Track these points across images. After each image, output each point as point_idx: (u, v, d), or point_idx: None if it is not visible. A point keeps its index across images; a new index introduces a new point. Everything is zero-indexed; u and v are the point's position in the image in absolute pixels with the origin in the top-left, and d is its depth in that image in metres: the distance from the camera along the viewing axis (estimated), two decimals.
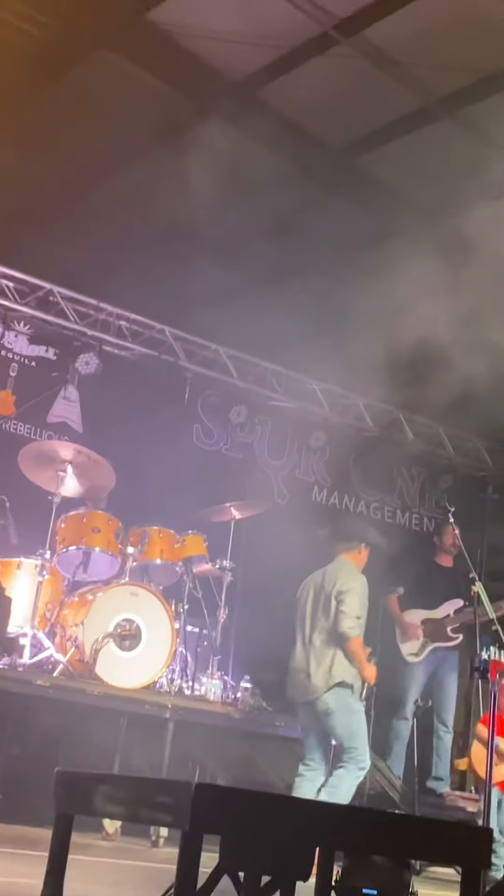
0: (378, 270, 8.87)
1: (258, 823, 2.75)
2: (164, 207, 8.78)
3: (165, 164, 8.57)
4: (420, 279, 7.69)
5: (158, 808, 2.75)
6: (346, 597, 6.55)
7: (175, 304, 9.47)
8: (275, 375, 10.22)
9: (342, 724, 6.51)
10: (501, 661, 5.73)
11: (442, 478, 11.39)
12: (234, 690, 7.79)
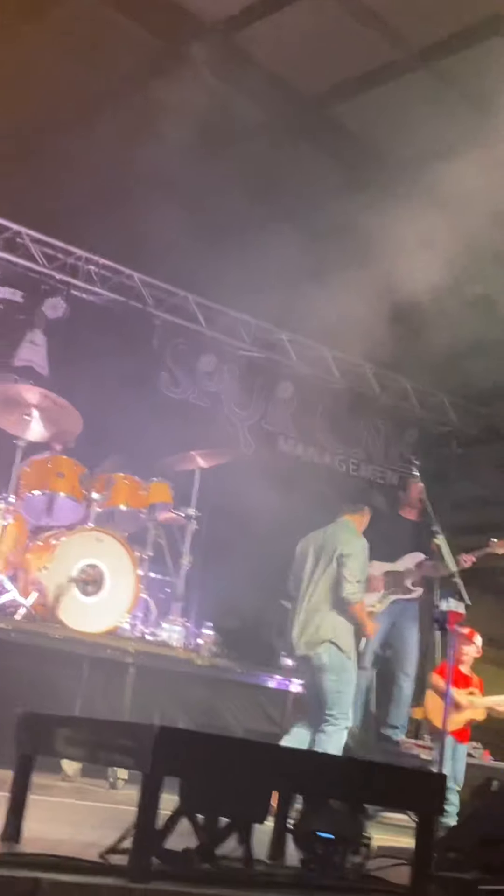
0: (349, 222, 8.84)
1: (218, 767, 2.80)
2: (137, 152, 8.68)
3: (139, 108, 8.46)
4: (391, 232, 7.67)
5: (120, 751, 2.79)
6: (348, 560, 6.64)
7: (145, 250, 9.40)
8: (243, 325, 10.19)
9: (332, 681, 6.61)
10: (460, 613, 5.80)
11: (407, 432, 11.45)
12: (196, 637, 7.85)
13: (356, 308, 8.32)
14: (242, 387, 10.35)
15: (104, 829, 3.06)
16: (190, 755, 2.71)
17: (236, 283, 9.41)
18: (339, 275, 8.89)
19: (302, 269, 9.17)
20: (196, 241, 9.43)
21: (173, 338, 9.92)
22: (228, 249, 9.33)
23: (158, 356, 9.80)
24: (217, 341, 10.08)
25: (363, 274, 8.19)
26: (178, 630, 7.69)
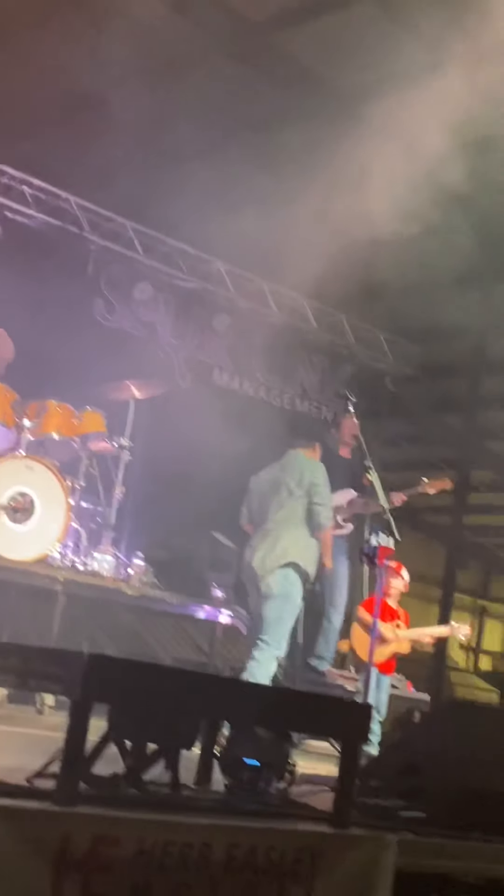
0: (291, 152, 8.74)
1: (147, 694, 2.81)
2: (77, 75, 8.47)
3: (79, 29, 8.24)
4: (333, 163, 7.60)
5: (50, 677, 2.79)
6: (319, 489, 6.77)
7: (82, 174, 9.20)
8: (181, 254, 10.05)
9: (276, 606, 6.69)
10: (389, 549, 5.87)
11: (342, 368, 11.46)
12: (127, 567, 7.85)
13: (295, 241, 8.27)
14: (178, 317, 10.25)
15: (31, 755, 3.06)
16: (119, 682, 2.71)
17: (175, 212, 9.28)
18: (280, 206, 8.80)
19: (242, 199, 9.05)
20: (136, 166, 9.26)
21: (109, 264, 9.75)
22: (168, 177, 9.19)
23: (93, 283, 9.64)
24: (154, 270, 9.94)
25: (304, 206, 8.12)
26: (108, 560, 7.69)
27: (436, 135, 7.25)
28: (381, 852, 2.99)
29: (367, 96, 8.17)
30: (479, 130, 7.46)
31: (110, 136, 9.00)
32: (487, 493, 16.17)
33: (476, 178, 7.68)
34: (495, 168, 8.47)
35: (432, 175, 7.43)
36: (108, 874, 2.49)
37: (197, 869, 2.63)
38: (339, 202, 7.69)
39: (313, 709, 3.30)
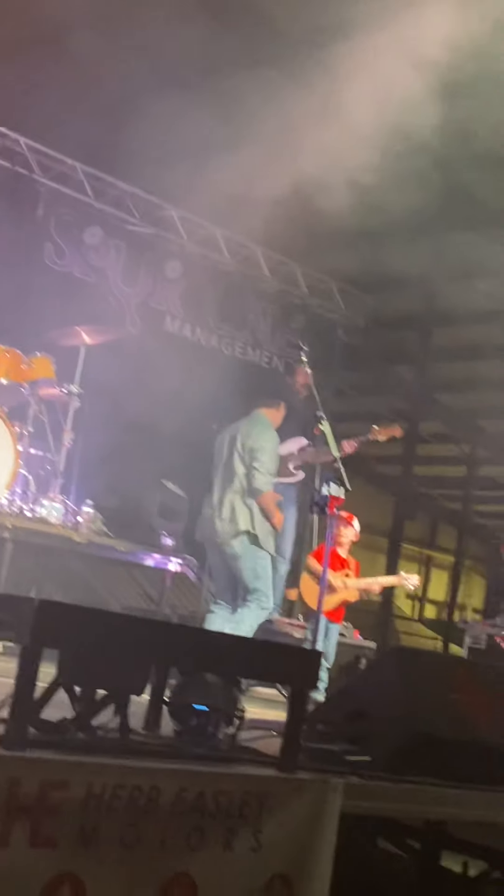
0: (243, 98, 8.62)
1: (96, 639, 2.81)
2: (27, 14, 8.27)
3: None
4: (284, 110, 7.53)
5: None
6: (259, 454, 6.76)
7: (33, 115, 9.03)
8: (132, 199, 9.93)
9: (248, 567, 6.74)
10: (340, 498, 5.90)
11: (294, 317, 11.43)
12: (76, 515, 7.83)
13: (248, 187, 8.20)
14: (129, 263, 10.14)
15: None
16: (69, 628, 2.71)
17: (127, 155, 9.14)
18: (233, 152, 8.71)
19: (195, 143, 8.95)
20: (87, 108, 9.10)
21: (59, 208, 9.61)
22: (120, 119, 9.04)
23: (43, 227, 9.50)
24: (105, 214, 9.82)
25: (257, 152, 8.04)
26: (57, 507, 7.65)
27: (392, 82, 7.19)
28: (327, 795, 3.03)
29: (321, 41, 8.08)
30: (436, 77, 7.42)
31: (61, 77, 8.83)
32: (436, 444, 16.32)
33: (432, 125, 7.65)
34: (452, 116, 8.44)
35: (387, 122, 7.39)
36: (56, 817, 2.50)
37: (146, 812, 2.66)
38: (293, 149, 7.63)
39: (263, 655, 3.32)
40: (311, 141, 7.57)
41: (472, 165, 8.79)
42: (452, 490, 18.52)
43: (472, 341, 13.52)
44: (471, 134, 8.11)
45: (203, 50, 9.12)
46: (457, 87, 8.14)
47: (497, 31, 6.88)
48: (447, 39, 6.98)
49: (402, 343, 13.53)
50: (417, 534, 20.53)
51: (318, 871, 3.00)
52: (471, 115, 7.72)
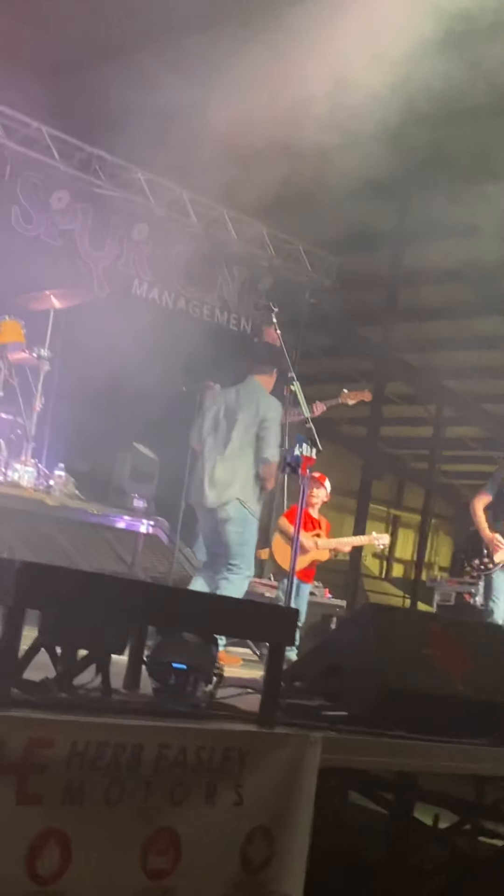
0: (208, 58, 8.56)
1: (76, 600, 2.85)
2: None
3: None
4: (248, 71, 7.49)
5: None
6: (271, 424, 6.74)
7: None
8: (99, 161, 9.85)
9: (237, 532, 6.76)
10: (312, 458, 5.94)
11: (262, 280, 11.43)
12: (48, 478, 7.84)
13: (213, 148, 8.16)
14: (97, 227, 10.08)
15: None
16: (51, 589, 2.75)
17: (93, 117, 9.08)
18: (197, 113, 8.66)
19: (160, 105, 8.88)
20: (51, 69, 9.02)
21: (25, 171, 9.52)
22: (86, 81, 8.96)
23: (9, 190, 9.42)
24: (71, 177, 9.74)
25: (221, 113, 8.00)
26: (29, 471, 7.66)
27: (356, 41, 7.16)
28: (305, 749, 3.10)
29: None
30: (401, 40, 7.40)
31: (24, 36, 8.73)
32: (402, 404, 16.42)
33: (396, 87, 7.63)
34: (416, 78, 8.43)
35: (351, 83, 7.37)
36: (42, 774, 2.55)
37: (129, 768, 2.71)
38: (257, 109, 7.59)
39: (240, 614, 3.38)
40: (274, 101, 7.54)
41: (439, 123, 8.78)
42: (419, 450, 18.66)
43: (438, 301, 13.58)
44: (438, 91, 8.11)
45: (166, 9, 9.04)
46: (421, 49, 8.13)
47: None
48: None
49: (368, 303, 13.55)
50: (385, 494, 20.68)
51: (299, 823, 3.08)
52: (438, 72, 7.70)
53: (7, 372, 7.79)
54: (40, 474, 7.81)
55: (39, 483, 7.75)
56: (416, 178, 10.55)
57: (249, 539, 6.89)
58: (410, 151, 9.56)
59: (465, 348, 14.82)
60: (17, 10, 8.31)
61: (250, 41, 7.73)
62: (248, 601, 3.80)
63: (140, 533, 8.23)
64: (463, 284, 13.04)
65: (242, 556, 6.83)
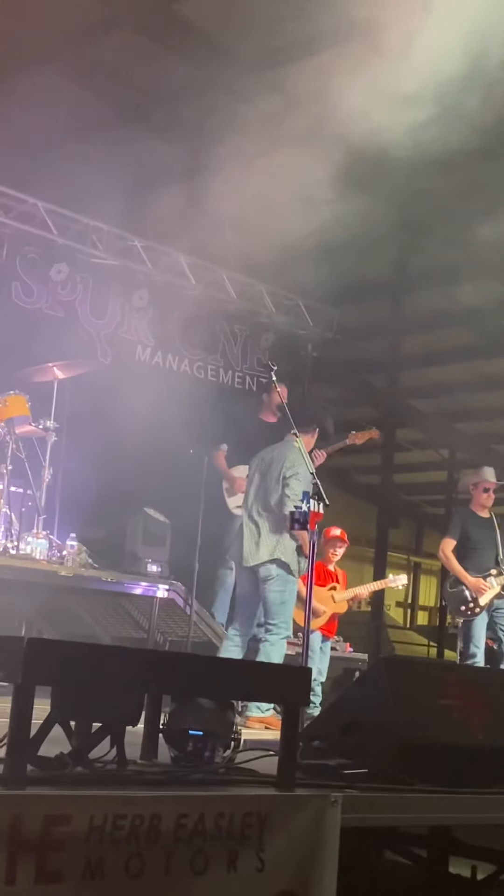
0: (197, 124, 8.71)
1: (87, 673, 2.85)
2: None
3: None
4: (240, 134, 7.60)
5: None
6: (292, 482, 6.80)
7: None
8: (95, 232, 9.98)
9: (278, 591, 6.81)
10: (319, 513, 5.95)
11: (263, 336, 11.51)
12: (61, 549, 7.85)
13: (207, 212, 8.27)
14: (97, 296, 10.20)
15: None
16: (59, 664, 2.75)
17: (87, 189, 9.21)
18: (190, 178, 8.78)
19: (153, 172, 9.01)
20: (43, 145, 9.17)
21: (23, 246, 9.66)
22: (78, 154, 9.11)
23: (8, 266, 9.55)
24: (69, 249, 9.86)
25: (214, 177, 8.11)
26: (41, 543, 7.67)
27: (341, 99, 7.27)
28: (326, 810, 3.07)
29: (270, 62, 8.17)
30: (389, 91, 7.51)
31: (14, 114, 8.89)
32: (414, 450, 16.41)
33: (388, 137, 7.73)
34: (407, 127, 8.54)
35: (340, 140, 7.47)
36: (61, 851, 2.53)
37: (148, 840, 2.69)
38: (249, 170, 7.70)
39: (253, 676, 3.37)
40: (266, 161, 7.64)
41: (428, 170, 8.89)
42: (435, 495, 18.60)
43: (442, 345, 13.64)
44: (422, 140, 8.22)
45: (156, 81, 9.21)
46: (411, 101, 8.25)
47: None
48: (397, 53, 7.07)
49: (371, 352, 13.61)
50: (404, 541, 20.61)
51: (323, 886, 3.04)
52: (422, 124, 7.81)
53: (15, 445, 7.83)
54: (53, 545, 7.82)
55: (52, 554, 7.76)
56: (412, 226, 10.65)
57: (289, 598, 6.92)
58: (404, 200, 9.67)
59: (471, 390, 14.84)
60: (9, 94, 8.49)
61: (239, 106, 7.86)
62: (259, 662, 3.78)
63: (156, 598, 8.22)
64: (466, 327, 13.10)
65: (281, 616, 6.84)
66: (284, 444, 7.11)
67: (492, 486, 8.70)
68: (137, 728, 3.28)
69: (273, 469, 6.99)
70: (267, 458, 7.12)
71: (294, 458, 6.84)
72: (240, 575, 7.24)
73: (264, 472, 7.05)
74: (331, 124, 7.32)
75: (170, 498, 8.77)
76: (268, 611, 6.86)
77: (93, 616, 8.81)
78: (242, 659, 6.44)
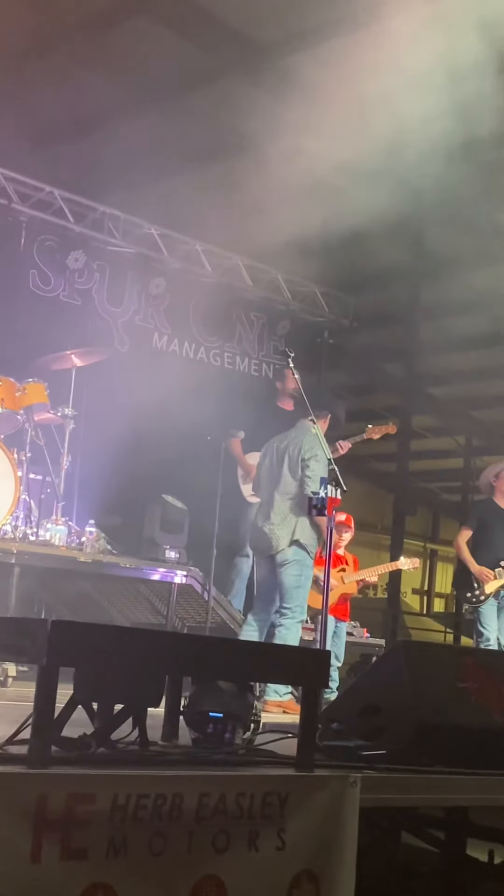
0: (212, 110, 8.71)
1: (110, 655, 2.88)
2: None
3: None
4: (255, 119, 7.61)
5: (14, 646, 2.85)
6: (311, 463, 6.86)
7: (6, 144, 9.12)
8: (112, 220, 10.02)
9: (294, 575, 6.85)
10: (337, 499, 5.97)
11: (280, 324, 11.53)
12: (79, 535, 7.90)
13: (224, 199, 8.28)
14: (114, 284, 10.23)
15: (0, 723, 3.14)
16: (83, 646, 2.79)
17: (104, 177, 9.23)
18: (206, 165, 8.80)
19: (169, 160, 9.03)
20: (60, 133, 9.19)
21: (40, 235, 9.70)
22: (95, 141, 9.13)
23: (26, 254, 9.60)
24: (86, 237, 9.90)
25: (229, 163, 8.12)
26: (60, 529, 7.73)
27: (357, 85, 7.27)
28: (345, 790, 3.11)
29: (285, 48, 8.16)
30: (405, 79, 7.50)
31: (30, 102, 8.91)
32: (431, 437, 16.41)
33: (404, 124, 7.72)
34: (424, 115, 8.53)
35: (357, 126, 7.47)
36: (85, 830, 2.57)
37: (171, 819, 2.73)
38: (264, 156, 7.71)
39: (273, 659, 3.40)
40: (282, 148, 7.65)
41: (448, 160, 8.88)
42: (451, 482, 18.60)
43: (458, 333, 13.60)
44: (439, 126, 8.20)
45: (170, 67, 9.21)
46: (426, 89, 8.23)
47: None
48: (413, 42, 7.06)
49: (389, 340, 13.60)
50: (420, 528, 20.62)
51: (343, 865, 3.07)
52: (443, 110, 7.80)
53: (34, 433, 7.88)
54: (71, 532, 7.87)
55: (71, 540, 7.82)
56: (429, 212, 10.62)
57: (305, 583, 6.96)
58: (423, 186, 9.65)
59: (489, 377, 14.81)
60: (18, 76, 8.49)
61: (256, 93, 7.86)
62: (279, 645, 3.81)
63: (174, 583, 8.26)
64: (482, 315, 13.07)
65: (296, 600, 6.89)
66: (299, 428, 7.14)
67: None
68: (158, 710, 3.33)
69: (290, 453, 7.02)
70: (282, 444, 7.14)
71: (311, 442, 6.87)
72: (259, 561, 7.29)
73: (280, 458, 7.08)
74: (344, 110, 7.32)
75: (187, 485, 8.82)
76: (284, 595, 6.90)
77: (111, 602, 8.87)
78: (262, 641, 6.48)
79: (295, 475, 6.94)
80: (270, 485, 7.10)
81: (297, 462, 6.94)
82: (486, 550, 8.49)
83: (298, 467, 6.92)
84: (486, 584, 8.35)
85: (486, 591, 8.35)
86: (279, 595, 6.95)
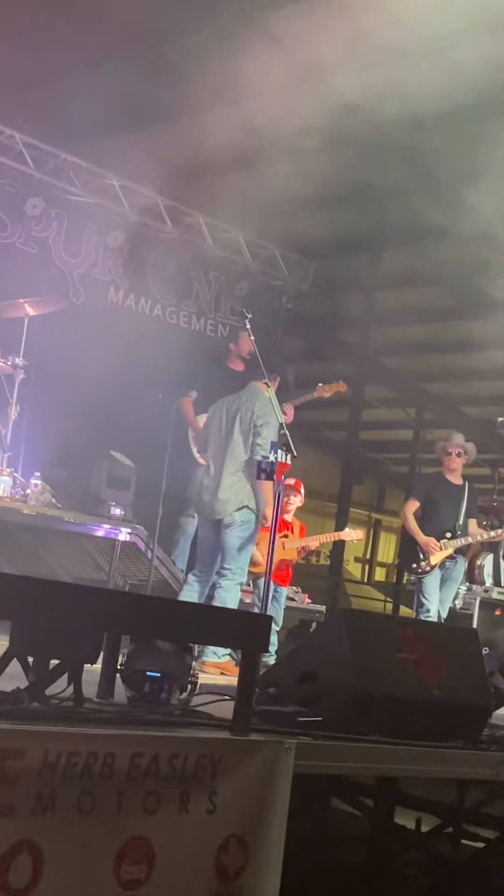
0: (183, 63, 8.55)
1: (47, 610, 2.84)
2: None
3: None
4: (222, 75, 7.49)
5: None
6: (263, 430, 6.78)
7: None
8: (73, 168, 9.83)
9: (238, 537, 6.80)
10: (287, 464, 5.95)
11: (238, 285, 11.43)
12: (24, 487, 7.80)
13: (188, 154, 8.16)
14: (72, 233, 10.05)
15: None
16: (21, 599, 2.74)
17: (66, 124, 9.05)
18: (171, 118, 8.66)
19: (135, 111, 8.87)
20: (23, 77, 8.98)
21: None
22: (58, 88, 8.93)
23: None
24: (45, 184, 9.71)
25: (195, 118, 8.00)
26: (5, 480, 7.62)
27: (328, 44, 7.17)
28: (279, 756, 3.10)
29: (260, 4, 8.01)
30: (376, 41, 7.41)
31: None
32: (382, 408, 16.44)
33: (373, 89, 7.64)
34: (391, 80, 8.45)
35: (326, 86, 7.37)
36: (13, 786, 2.54)
37: (101, 778, 2.70)
38: (231, 112, 7.59)
39: (214, 621, 3.37)
40: (248, 106, 7.53)
41: (414, 127, 8.81)
42: (399, 454, 18.67)
43: (415, 305, 13.60)
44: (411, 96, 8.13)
45: (140, 15, 9.02)
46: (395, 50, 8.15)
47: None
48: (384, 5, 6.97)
49: (346, 308, 13.57)
50: (366, 498, 20.71)
51: (273, 831, 3.07)
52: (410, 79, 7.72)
53: None
54: (16, 483, 7.76)
55: (16, 492, 7.71)
56: (392, 181, 10.56)
57: (248, 545, 6.93)
58: (386, 155, 9.57)
59: (443, 351, 14.85)
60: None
61: (222, 46, 7.72)
62: (220, 608, 3.78)
63: (118, 540, 8.20)
64: (441, 288, 13.07)
65: (238, 562, 6.85)
66: (250, 391, 7.06)
67: (460, 450, 8.79)
68: (95, 667, 3.28)
69: (241, 417, 6.96)
70: (232, 406, 7.07)
71: (264, 407, 6.82)
72: (203, 522, 7.24)
73: (230, 421, 7.01)
74: (316, 72, 7.22)
75: (136, 442, 8.73)
76: (226, 556, 6.87)
77: (54, 556, 8.79)
78: (202, 603, 6.45)
79: (247, 440, 6.89)
80: (220, 447, 7.03)
81: (248, 427, 6.88)
82: (432, 522, 8.58)
83: (251, 433, 6.87)
84: (432, 555, 8.44)
85: (432, 561, 8.45)
86: (221, 556, 6.91)
